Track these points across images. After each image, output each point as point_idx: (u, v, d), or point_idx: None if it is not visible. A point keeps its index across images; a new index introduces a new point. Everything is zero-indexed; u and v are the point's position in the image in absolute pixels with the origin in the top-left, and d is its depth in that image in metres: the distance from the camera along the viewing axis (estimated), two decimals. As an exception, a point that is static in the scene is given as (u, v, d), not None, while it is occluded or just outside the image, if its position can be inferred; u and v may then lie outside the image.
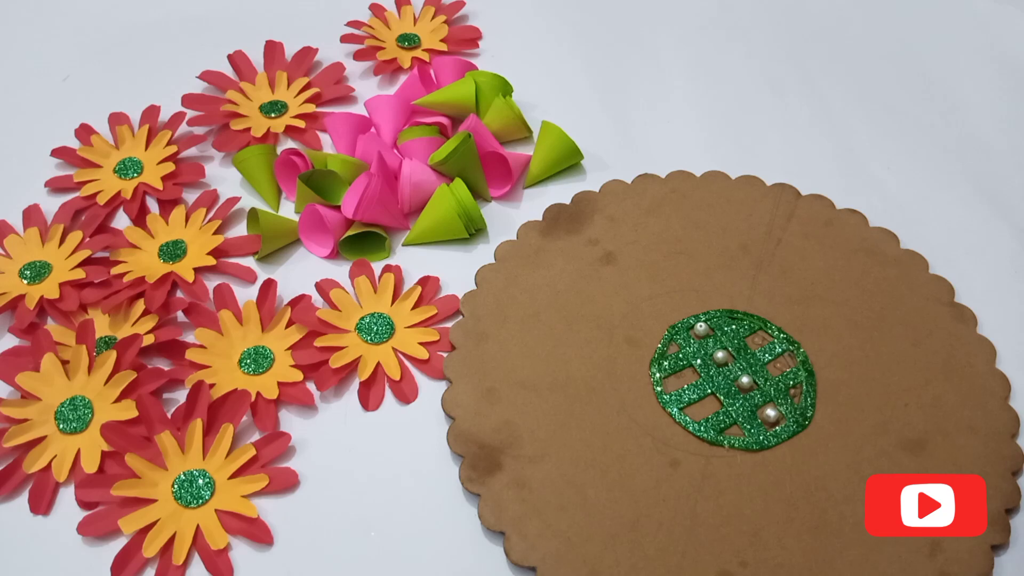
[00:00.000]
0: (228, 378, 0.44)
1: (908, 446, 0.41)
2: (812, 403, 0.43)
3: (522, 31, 0.65)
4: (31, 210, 0.52)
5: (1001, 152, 0.56)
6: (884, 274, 0.48)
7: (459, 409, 0.42)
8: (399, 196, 0.51)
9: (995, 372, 0.44)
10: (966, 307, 0.46)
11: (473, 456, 0.41)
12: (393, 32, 0.63)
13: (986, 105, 0.59)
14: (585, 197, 0.52)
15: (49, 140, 0.56)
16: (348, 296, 0.47)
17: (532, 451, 0.41)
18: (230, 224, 0.52)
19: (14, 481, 0.41)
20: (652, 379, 0.44)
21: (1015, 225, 0.52)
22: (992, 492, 0.39)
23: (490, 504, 0.39)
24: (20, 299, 0.47)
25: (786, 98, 0.60)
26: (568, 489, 0.40)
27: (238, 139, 0.56)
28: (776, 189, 0.52)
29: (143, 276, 0.47)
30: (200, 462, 0.41)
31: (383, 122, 0.55)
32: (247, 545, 0.39)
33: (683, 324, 0.46)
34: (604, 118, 0.58)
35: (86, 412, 0.42)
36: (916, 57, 0.62)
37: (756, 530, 0.39)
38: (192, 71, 0.60)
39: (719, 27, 0.65)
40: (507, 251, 0.49)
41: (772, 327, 0.46)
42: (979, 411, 0.42)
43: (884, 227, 0.50)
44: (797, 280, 0.48)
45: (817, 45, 0.63)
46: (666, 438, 0.42)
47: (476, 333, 0.45)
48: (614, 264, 0.48)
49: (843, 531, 0.38)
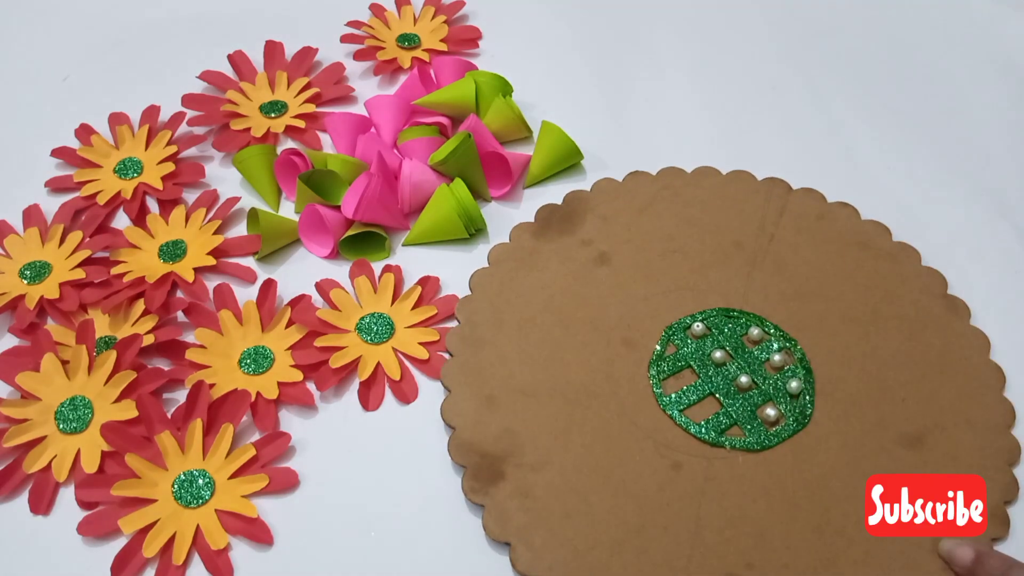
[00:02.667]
0: (228, 378, 0.44)
1: (907, 441, 0.41)
2: (811, 400, 0.43)
3: (522, 31, 0.65)
4: (31, 210, 0.52)
5: (989, 145, 0.56)
6: (877, 268, 0.48)
7: (459, 418, 0.42)
8: (399, 196, 0.51)
9: (990, 364, 0.44)
10: (959, 299, 0.47)
11: (475, 466, 0.40)
12: (393, 32, 0.63)
13: (980, 100, 0.59)
14: (577, 197, 0.52)
15: (49, 140, 0.56)
16: (348, 296, 0.47)
17: (534, 459, 0.41)
18: (230, 224, 0.52)
19: (14, 481, 0.41)
20: (651, 381, 0.44)
21: (1006, 216, 0.52)
22: (990, 485, 0.39)
23: (494, 515, 0.39)
24: (20, 299, 0.47)
25: (786, 95, 0.60)
26: (572, 496, 0.40)
27: (238, 139, 0.56)
28: (767, 184, 0.52)
29: (143, 276, 0.47)
30: (200, 462, 0.41)
31: (383, 122, 0.55)
32: (247, 545, 0.39)
33: (680, 324, 0.46)
34: (604, 118, 0.58)
35: (86, 412, 0.42)
36: (913, 54, 0.63)
37: (761, 531, 0.39)
38: (192, 71, 0.60)
39: (719, 27, 0.65)
40: (500, 254, 0.49)
41: (769, 325, 0.46)
42: (975, 404, 0.43)
43: (876, 220, 0.50)
44: (791, 276, 0.48)
45: (817, 45, 0.63)
46: (667, 441, 0.42)
47: (473, 340, 0.45)
48: (608, 264, 0.48)
49: (846, 529, 0.39)
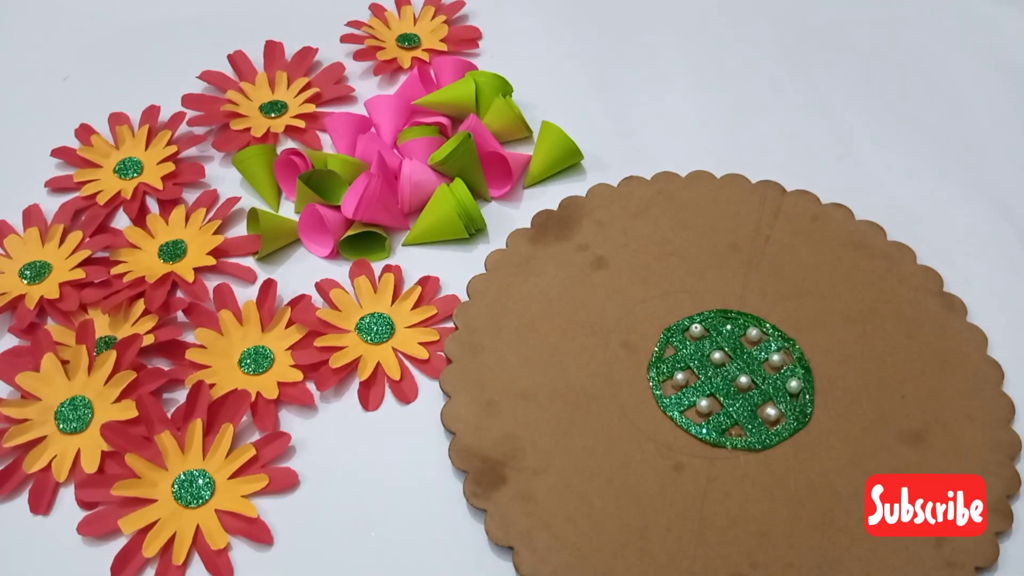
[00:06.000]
0: (228, 378, 0.44)
1: (908, 438, 0.41)
2: (811, 400, 0.43)
3: (522, 31, 0.65)
4: (31, 210, 0.52)
5: (984, 143, 0.56)
6: (873, 267, 0.48)
7: (459, 423, 0.42)
8: (399, 196, 0.51)
9: (988, 359, 0.44)
10: (955, 296, 0.47)
11: (477, 471, 0.40)
12: (393, 32, 0.63)
13: (974, 98, 0.59)
14: (573, 202, 0.52)
15: (49, 140, 0.56)
16: (348, 296, 0.47)
17: (536, 463, 0.41)
18: (230, 224, 0.52)
19: (14, 481, 0.41)
20: (651, 383, 0.44)
21: (1000, 213, 0.52)
22: (992, 480, 0.39)
23: (497, 519, 0.39)
24: (20, 299, 0.47)
25: (786, 97, 0.60)
26: (574, 499, 0.40)
27: (238, 139, 0.56)
28: (761, 186, 0.52)
29: (143, 276, 0.47)
30: (200, 462, 0.41)
31: (383, 122, 0.55)
32: (247, 545, 0.39)
33: (678, 326, 0.46)
34: (604, 118, 0.58)
35: (86, 412, 0.42)
36: (910, 53, 0.63)
37: (764, 531, 0.39)
38: (192, 71, 0.60)
39: (719, 27, 0.65)
40: (498, 260, 0.49)
41: (767, 325, 0.46)
42: (975, 399, 0.43)
43: (871, 220, 0.50)
44: (788, 277, 0.48)
45: (818, 45, 0.63)
46: (668, 442, 0.42)
47: (471, 345, 0.45)
48: (605, 269, 0.48)
49: (849, 527, 0.39)
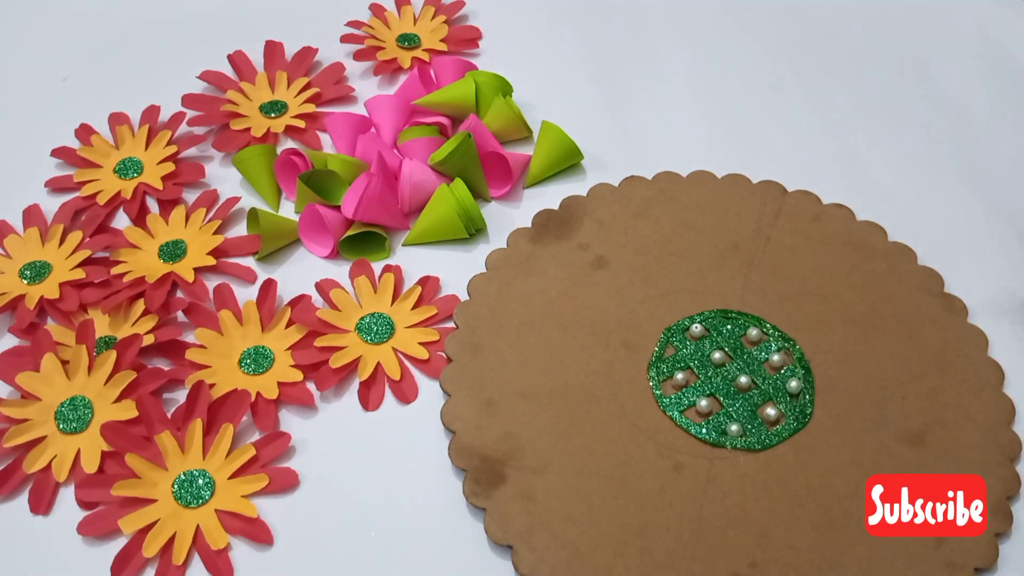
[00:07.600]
0: (228, 378, 0.44)
1: (908, 439, 0.41)
2: (811, 400, 0.43)
3: (522, 31, 0.65)
4: (31, 210, 0.52)
5: (984, 143, 0.56)
6: (874, 267, 0.48)
7: (459, 422, 0.42)
8: (399, 196, 0.51)
9: (988, 360, 0.44)
10: (956, 297, 0.47)
11: (476, 470, 0.40)
12: (393, 32, 0.63)
13: (975, 99, 0.59)
14: (574, 202, 0.52)
15: (49, 140, 0.56)
16: (348, 296, 0.47)
17: (535, 462, 0.41)
18: (230, 224, 0.52)
19: (14, 481, 0.41)
20: (651, 383, 0.44)
21: (1000, 213, 0.52)
22: (992, 481, 0.39)
23: (496, 517, 0.39)
24: (20, 299, 0.47)
25: (787, 97, 0.60)
26: (574, 498, 0.40)
27: (238, 139, 0.56)
28: (762, 187, 0.52)
29: (143, 276, 0.47)
30: (200, 462, 0.41)
31: (383, 122, 0.55)
32: (247, 545, 0.39)
33: (678, 326, 0.46)
34: (604, 118, 0.58)
35: (86, 412, 0.42)
36: (909, 53, 0.62)
37: (763, 531, 0.39)
38: (192, 71, 0.60)
39: (720, 26, 0.65)
40: (498, 259, 0.49)
41: (767, 325, 0.46)
42: (975, 400, 0.43)
43: (871, 220, 0.50)
44: (788, 277, 0.48)
45: (820, 45, 0.63)
46: (668, 442, 0.42)
47: (471, 344, 0.45)
48: (606, 268, 0.48)
49: (849, 527, 0.39)
